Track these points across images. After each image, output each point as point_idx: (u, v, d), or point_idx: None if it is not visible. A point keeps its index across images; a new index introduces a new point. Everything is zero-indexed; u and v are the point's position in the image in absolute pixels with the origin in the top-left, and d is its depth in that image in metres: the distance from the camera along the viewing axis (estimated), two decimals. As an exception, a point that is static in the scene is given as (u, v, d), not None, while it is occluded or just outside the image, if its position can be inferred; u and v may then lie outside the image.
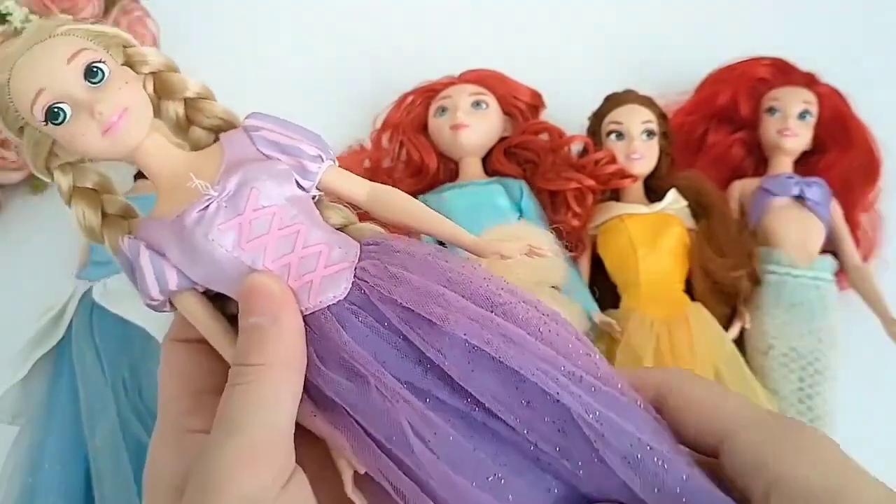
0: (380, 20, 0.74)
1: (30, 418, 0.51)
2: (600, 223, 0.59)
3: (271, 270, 0.27)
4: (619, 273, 0.58)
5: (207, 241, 0.27)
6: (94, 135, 0.27)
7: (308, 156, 0.29)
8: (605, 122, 0.60)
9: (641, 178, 0.60)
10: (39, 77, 0.27)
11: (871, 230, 0.61)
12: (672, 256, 0.56)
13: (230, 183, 0.28)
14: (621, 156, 0.58)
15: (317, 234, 0.29)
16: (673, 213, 0.58)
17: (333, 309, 0.27)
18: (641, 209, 0.58)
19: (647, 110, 0.60)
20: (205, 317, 0.29)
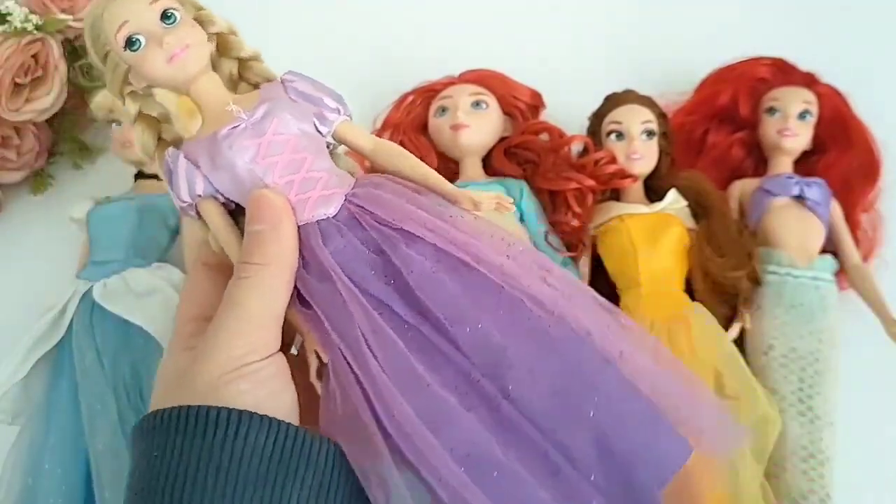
0: (379, 21, 0.74)
1: (30, 418, 0.51)
2: (600, 223, 0.59)
3: (278, 185, 0.33)
4: (619, 273, 0.58)
5: (231, 152, 0.33)
6: (160, 62, 0.34)
7: (328, 107, 0.36)
8: (605, 122, 0.60)
9: (641, 178, 0.60)
10: (125, 13, 0.34)
11: (871, 230, 0.61)
12: (672, 256, 0.56)
13: (258, 112, 0.34)
14: (621, 156, 0.58)
15: (321, 164, 0.35)
16: (673, 213, 0.58)
17: (322, 224, 0.33)
18: (641, 209, 0.58)
19: (647, 110, 0.60)
20: (222, 223, 0.35)
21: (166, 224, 0.58)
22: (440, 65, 0.64)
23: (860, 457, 0.53)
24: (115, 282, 0.54)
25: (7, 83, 0.58)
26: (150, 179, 0.60)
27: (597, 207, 0.59)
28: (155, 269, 0.56)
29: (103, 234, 0.57)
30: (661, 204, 0.58)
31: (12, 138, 0.63)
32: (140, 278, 0.54)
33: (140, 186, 0.60)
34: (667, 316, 0.54)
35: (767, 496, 0.49)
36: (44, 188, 0.67)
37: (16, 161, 0.64)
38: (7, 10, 0.58)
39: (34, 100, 0.60)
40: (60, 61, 0.60)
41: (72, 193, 0.62)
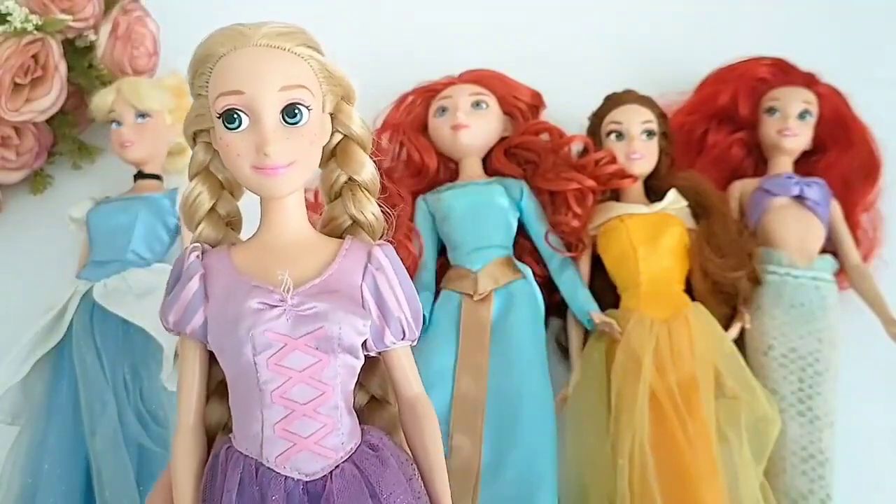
0: (379, 21, 0.74)
1: (30, 418, 0.51)
2: (600, 223, 0.59)
3: (269, 407, 0.27)
4: (619, 273, 0.58)
5: (247, 334, 0.27)
6: (247, 164, 0.27)
7: (396, 329, 0.30)
8: (605, 122, 0.60)
9: (641, 178, 0.60)
10: (247, 81, 0.26)
11: (871, 230, 0.61)
12: (672, 256, 0.56)
13: (310, 304, 0.27)
14: (621, 156, 0.58)
15: (333, 405, 0.28)
16: (673, 212, 0.58)
17: (289, 484, 0.27)
18: (641, 209, 0.58)
19: (646, 110, 0.60)
20: (191, 374, 0.29)
21: (166, 224, 0.58)
22: (440, 65, 0.64)
23: (859, 456, 0.53)
24: (115, 282, 0.54)
25: (7, 83, 0.58)
26: (149, 179, 0.60)
27: (596, 208, 0.59)
28: (155, 269, 0.56)
29: (103, 234, 0.57)
30: (661, 204, 0.58)
31: (12, 138, 0.62)
32: (140, 278, 0.54)
33: (139, 187, 0.60)
34: (667, 315, 0.54)
35: (767, 496, 0.49)
36: (43, 188, 0.67)
37: (15, 161, 0.64)
38: (7, 11, 0.58)
39: (34, 100, 0.60)
40: (60, 61, 0.60)
41: (71, 193, 0.62)
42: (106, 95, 0.59)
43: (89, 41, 0.65)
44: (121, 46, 0.65)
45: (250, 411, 0.28)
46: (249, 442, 0.28)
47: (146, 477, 0.47)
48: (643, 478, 0.47)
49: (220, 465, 0.28)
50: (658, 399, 0.50)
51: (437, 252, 0.59)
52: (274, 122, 0.27)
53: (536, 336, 0.54)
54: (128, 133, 0.58)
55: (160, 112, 0.60)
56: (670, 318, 0.54)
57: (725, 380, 0.52)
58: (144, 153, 0.59)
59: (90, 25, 0.64)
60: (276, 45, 0.28)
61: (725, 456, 0.49)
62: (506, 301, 0.54)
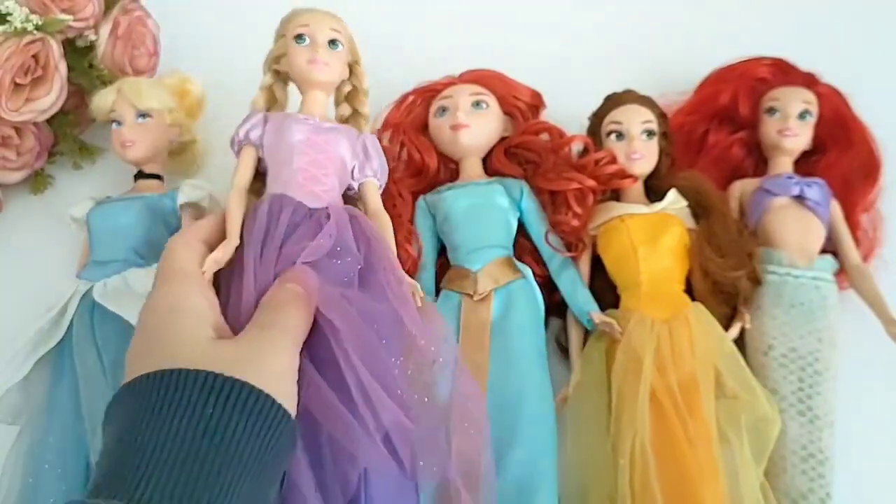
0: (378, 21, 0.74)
1: (30, 418, 0.51)
2: (600, 223, 0.59)
3: (298, 164, 0.48)
4: (619, 273, 0.57)
5: (292, 129, 0.48)
6: (304, 59, 0.50)
7: (371, 168, 0.51)
8: (605, 123, 0.60)
9: (641, 178, 0.60)
10: (313, 20, 0.50)
11: (871, 230, 0.61)
12: (672, 256, 0.56)
13: (327, 125, 0.50)
14: (621, 156, 0.58)
15: (333, 181, 0.49)
16: (673, 212, 0.58)
17: (290, 204, 0.46)
18: (642, 209, 0.58)
19: (647, 110, 0.60)
20: (244, 168, 0.50)
21: (167, 224, 0.58)
22: (440, 64, 0.64)
23: (860, 457, 0.53)
24: (115, 282, 0.54)
25: (7, 83, 0.58)
26: (149, 179, 0.60)
27: (596, 207, 0.59)
28: (155, 269, 0.56)
29: (104, 234, 0.57)
30: (661, 204, 0.58)
31: (12, 138, 0.62)
32: (141, 278, 0.54)
33: (140, 186, 0.60)
34: (667, 315, 0.54)
35: (767, 496, 0.49)
36: (44, 188, 0.67)
37: (16, 161, 0.64)
38: (7, 10, 0.58)
39: (34, 100, 0.60)
40: (61, 61, 0.60)
41: (72, 193, 0.62)
42: (106, 95, 0.59)
43: (90, 41, 0.65)
44: (121, 46, 0.65)
45: (281, 174, 0.48)
46: (276, 189, 0.48)
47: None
48: (644, 477, 0.47)
49: (254, 205, 0.48)
50: (658, 399, 0.49)
51: (437, 253, 0.59)
52: (325, 43, 0.50)
53: (536, 336, 0.54)
54: (128, 133, 0.58)
55: (161, 112, 0.60)
56: (671, 317, 0.53)
57: (726, 380, 0.52)
58: (145, 153, 0.59)
59: (90, 25, 0.64)
60: (329, 11, 0.52)
61: (726, 456, 0.49)
62: (506, 301, 0.54)
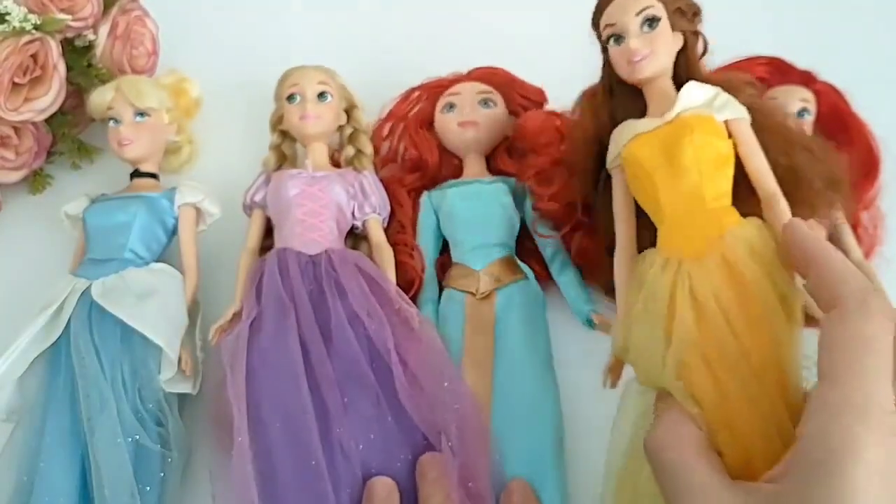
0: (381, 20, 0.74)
1: (25, 416, 0.50)
2: (616, 155, 0.47)
3: (295, 215, 0.54)
4: (649, 209, 0.45)
5: (287, 184, 0.55)
6: (296, 118, 0.59)
7: (370, 205, 0.57)
8: (602, 30, 0.48)
9: (660, 79, 0.46)
10: (300, 78, 0.59)
11: (871, 227, 0.61)
12: (699, 171, 0.42)
13: (320, 174, 0.57)
14: (623, 62, 0.46)
15: (331, 223, 0.55)
16: (694, 114, 0.44)
17: (292, 255, 0.52)
18: (650, 124, 0.45)
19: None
20: (254, 228, 0.57)
21: (164, 223, 0.58)
22: (440, 63, 0.64)
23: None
24: (113, 281, 0.53)
25: (6, 83, 0.58)
26: (146, 178, 0.60)
27: (615, 132, 0.47)
28: (153, 268, 0.56)
29: (100, 232, 0.56)
30: (675, 109, 0.44)
31: (11, 138, 0.62)
32: (138, 278, 0.54)
33: (136, 185, 0.60)
34: (696, 250, 0.40)
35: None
36: (42, 188, 0.67)
37: (14, 161, 0.64)
38: (6, 10, 0.58)
39: (33, 99, 0.60)
40: (59, 61, 0.60)
41: (70, 193, 0.62)
42: (104, 93, 0.59)
43: (88, 41, 0.65)
44: (120, 46, 0.65)
45: (283, 228, 0.54)
46: (280, 244, 0.54)
47: (144, 475, 0.46)
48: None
49: (262, 261, 0.53)
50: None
51: (439, 250, 0.59)
52: (314, 97, 0.57)
53: (540, 334, 0.54)
54: (126, 131, 0.58)
55: (159, 111, 0.60)
56: (701, 252, 0.40)
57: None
58: (142, 152, 0.59)
59: (89, 25, 0.64)
60: (318, 66, 0.59)
61: None
62: (508, 300, 0.54)
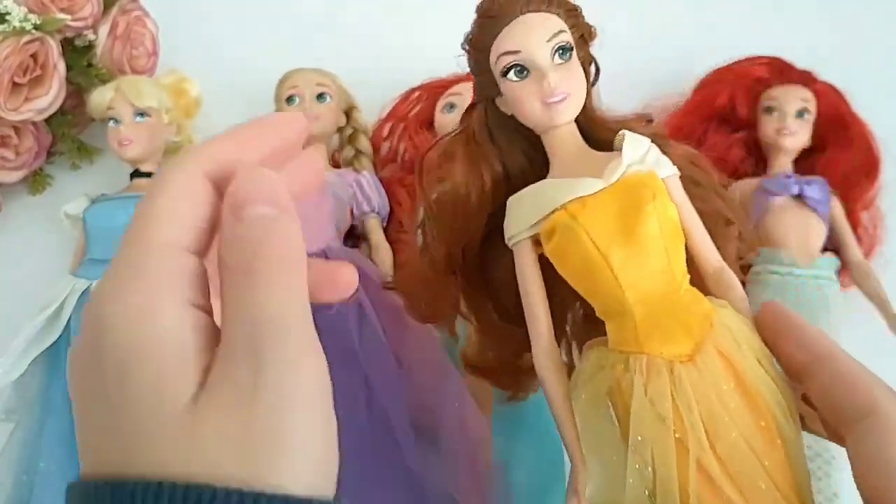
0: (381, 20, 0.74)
1: (24, 416, 0.51)
2: (537, 220, 0.32)
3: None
4: (591, 296, 0.32)
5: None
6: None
7: (369, 205, 0.58)
8: (495, 59, 0.33)
9: (568, 126, 0.33)
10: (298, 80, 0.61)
11: (871, 227, 0.61)
12: (664, 247, 0.30)
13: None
14: (533, 102, 0.32)
15: (328, 224, 0.55)
16: (639, 172, 0.32)
17: None
18: (591, 184, 0.31)
19: (550, 17, 0.33)
20: None
21: (164, 223, 0.58)
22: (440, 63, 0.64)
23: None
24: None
25: (6, 83, 0.57)
26: (146, 178, 0.60)
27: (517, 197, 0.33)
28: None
29: (101, 233, 0.56)
30: (621, 164, 0.31)
31: (11, 138, 0.62)
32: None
33: (136, 185, 0.60)
34: (686, 348, 0.29)
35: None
36: (42, 188, 0.67)
37: (14, 160, 0.63)
38: (6, 10, 0.58)
39: (33, 99, 0.60)
40: (59, 61, 0.60)
41: (70, 193, 0.62)
42: (104, 93, 0.59)
43: (88, 41, 0.65)
44: (120, 46, 0.65)
45: None
46: None
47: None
48: None
49: None
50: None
51: None
52: (313, 98, 0.59)
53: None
54: (126, 131, 0.58)
55: (159, 111, 0.60)
56: (694, 349, 0.29)
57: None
58: (142, 152, 0.59)
59: (89, 25, 0.64)
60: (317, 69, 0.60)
61: None
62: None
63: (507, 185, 0.34)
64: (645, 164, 0.31)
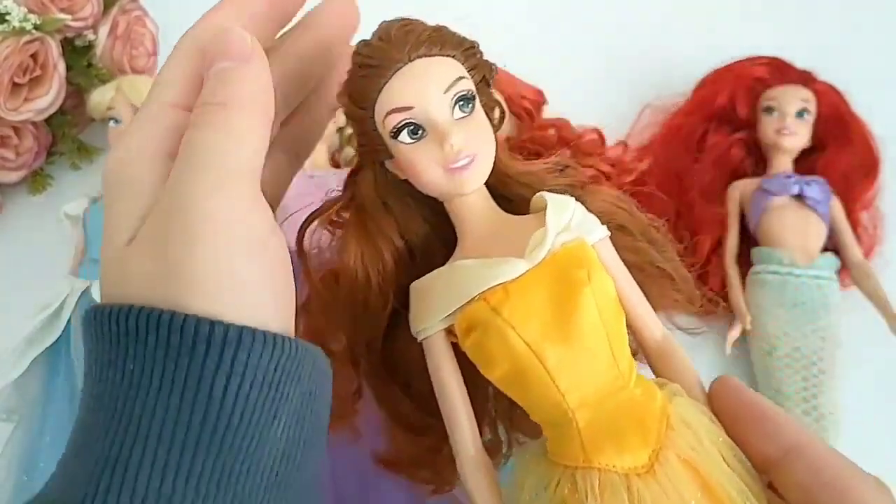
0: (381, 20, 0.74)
1: (24, 416, 0.50)
2: (449, 313, 0.26)
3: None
4: (523, 399, 0.26)
5: None
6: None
7: None
8: (382, 118, 0.26)
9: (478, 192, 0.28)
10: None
11: (871, 227, 0.61)
12: (606, 337, 0.25)
13: (320, 175, 0.54)
14: (434, 169, 0.26)
15: None
16: (567, 245, 0.26)
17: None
18: (514, 265, 0.25)
19: (445, 64, 0.27)
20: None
21: (164, 223, 0.58)
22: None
23: (865, 456, 0.52)
24: (113, 281, 0.53)
25: (5, 83, 0.58)
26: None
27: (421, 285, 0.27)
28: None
29: (101, 232, 0.56)
30: (545, 238, 0.25)
31: (11, 138, 0.62)
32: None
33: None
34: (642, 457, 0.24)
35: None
36: (42, 188, 0.67)
37: (14, 161, 0.64)
38: (6, 10, 0.58)
39: (33, 99, 0.60)
40: (59, 61, 0.60)
41: (70, 193, 0.62)
42: (105, 92, 0.59)
43: (88, 41, 0.65)
44: (120, 46, 0.65)
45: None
46: None
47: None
48: None
49: None
50: None
51: None
52: None
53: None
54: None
55: (159, 111, 0.60)
56: (648, 461, 0.24)
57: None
58: (143, 152, 0.59)
59: (89, 25, 0.64)
60: None
61: None
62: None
63: (411, 261, 0.29)
64: (571, 232, 0.26)
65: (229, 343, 0.20)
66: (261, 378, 0.21)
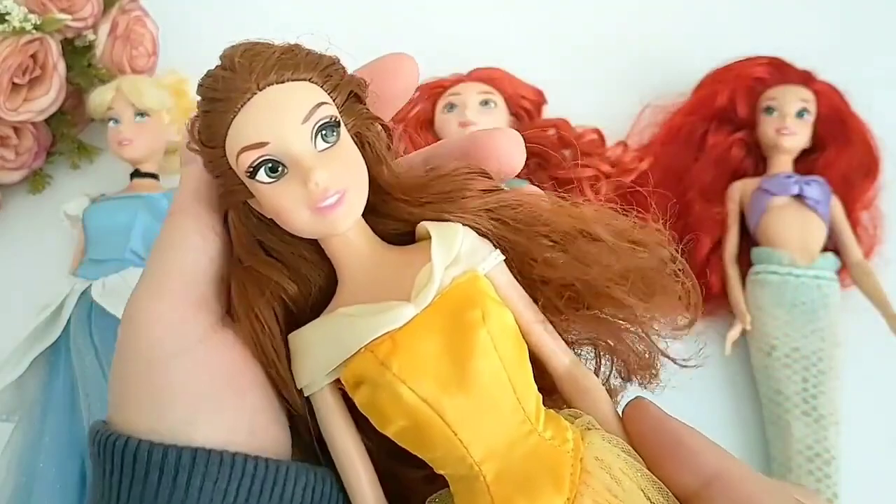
0: (380, 20, 0.74)
1: (24, 416, 0.50)
2: (334, 367, 0.23)
3: None
4: (425, 455, 0.24)
5: None
6: None
7: None
8: (236, 155, 0.23)
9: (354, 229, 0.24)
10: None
11: (871, 227, 0.61)
12: (508, 381, 0.23)
13: None
14: (300, 210, 0.23)
15: None
16: (456, 281, 0.23)
17: None
18: (400, 312, 0.23)
19: (301, 90, 0.23)
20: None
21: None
22: (440, 63, 0.64)
23: (866, 456, 0.52)
24: (114, 281, 0.53)
25: (5, 83, 0.58)
26: (146, 179, 0.60)
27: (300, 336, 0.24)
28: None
29: (101, 232, 0.56)
30: (433, 278, 0.22)
31: (11, 138, 0.62)
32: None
33: (136, 185, 0.60)
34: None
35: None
36: (42, 188, 0.67)
37: (14, 161, 0.64)
38: (6, 10, 0.58)
39: (32, 99, 0.60)
40: (59, 61, 0.60)
41: (70, 193, 0.62)
42: (105, 93, 0.59)
43: (88, 41, 0.65)
44: (120, 46, 0.65)
45: None
46: None
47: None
48: None
49: None
50: None
51: None
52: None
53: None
54: (126, 131, 0.58)
55: (159, 111, 0.60)
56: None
57: None
58: (142, 152, 0.59)
59: (89, 25, 0.64)
60: None
61: None
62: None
63: (306, 303, 0.25)
64: (461, 264, 0.23)
65: (182, 468, 0.20)
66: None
